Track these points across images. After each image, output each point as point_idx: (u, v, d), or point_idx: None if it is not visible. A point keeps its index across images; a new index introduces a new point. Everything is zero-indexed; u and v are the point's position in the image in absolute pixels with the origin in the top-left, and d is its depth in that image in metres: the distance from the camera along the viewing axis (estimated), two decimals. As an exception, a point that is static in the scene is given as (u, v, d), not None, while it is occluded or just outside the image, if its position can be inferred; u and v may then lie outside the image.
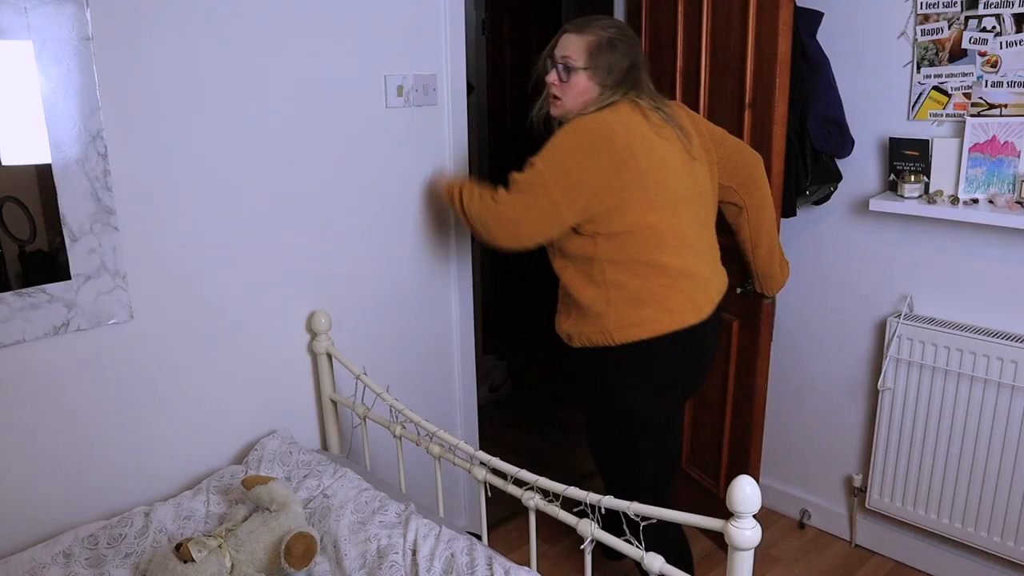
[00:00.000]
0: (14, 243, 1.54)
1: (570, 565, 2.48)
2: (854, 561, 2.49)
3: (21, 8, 1.47)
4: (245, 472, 1.85)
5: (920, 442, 2.27)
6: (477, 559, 1.49)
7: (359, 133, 2.07)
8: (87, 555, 1.56)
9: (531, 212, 1.77)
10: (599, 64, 1.80)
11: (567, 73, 1.82)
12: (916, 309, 2.29)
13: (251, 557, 1.51)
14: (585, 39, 1.80)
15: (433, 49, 2.20)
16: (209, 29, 1.74)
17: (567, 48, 1.82)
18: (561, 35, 1.85)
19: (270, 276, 1.96)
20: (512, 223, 1.80)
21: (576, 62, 1.80)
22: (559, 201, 1.73)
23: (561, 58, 1.83)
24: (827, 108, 2.23)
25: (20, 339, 1.57)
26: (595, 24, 1.83)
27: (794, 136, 2.23)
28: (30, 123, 1.52)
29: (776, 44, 2.06)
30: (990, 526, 2.17)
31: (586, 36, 1.80)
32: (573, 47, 1.81)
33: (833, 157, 2.30)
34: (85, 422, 1.69)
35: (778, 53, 2.07)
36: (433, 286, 2.34)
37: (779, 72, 2.08)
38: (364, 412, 1.98)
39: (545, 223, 1.77)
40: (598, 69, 1.80)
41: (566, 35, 1.84)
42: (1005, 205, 1.99)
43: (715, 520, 1.27)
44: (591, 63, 1.80)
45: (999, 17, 1.97)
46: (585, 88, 1.82)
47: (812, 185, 2.28)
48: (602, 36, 1.80)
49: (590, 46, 1.79)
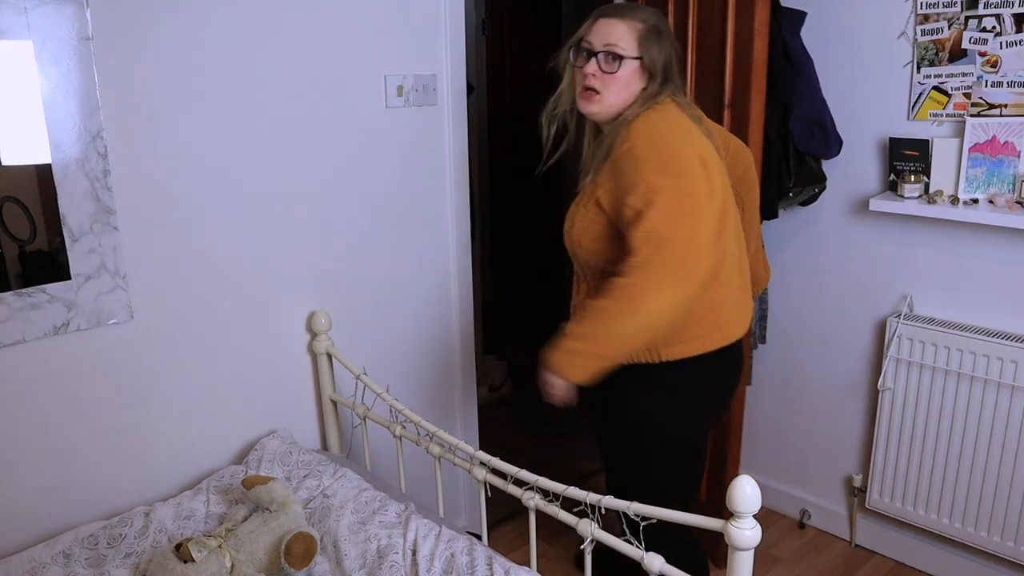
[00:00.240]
0: (14, 243, 1.54)
1: (570, 565, 2.48)
2: (854, 561, 2.49)
3: (21, 8, 1.47)
4: (245, 472, 1.85)
5: (920, 442, 2.27)
6: (477, 559, 1.49)
7: (359, 133, 2.07)
8: (87, 555, 1.56)
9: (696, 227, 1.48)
10: (651, 55, 1.59)
11: (614, 62, 1.59)
12: (916, 309, 2.29)
13: (251, 557, 1.51)
14: (633, 25, 1.59)
15: (433, 49, 2.20)
16: (209, 29, 1.74)
17: (611, 35, 1.59)
18: (596, 21, 1.63)
19: (270, 276, 1.96)
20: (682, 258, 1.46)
21: (626, 50, 1.58)
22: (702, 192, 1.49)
23: (604, 46, 1.59)
24: (810, 109, 2.21)
25: (20, 339, 1.57)
26: (637, 10, 1.63)
27: (776, 137, 2.22)
28: (30, 123, 1.52)
29: (752, 44, 2.06)
30: (990, 526, 2.17)
31: (633, 22, 1.60)
32: (619, 33, 1.59)
33: (818, 158, 2.29)
34: (85, 422, 1.69)
35: (754, 53, 2.07)
36: (433, 286, 2.34)
37: (755, 72, 2.08)
38: (364, 412, 1.98)
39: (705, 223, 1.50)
40: (651, 60, 1.60)
41: (605, 20, 1.61)
42: (1005, 205, 1.99)
43: (715, 520, 1.27)
44: (643, 52, 1.59)
45: (999, 17, 1.97)
46: (631, 80, 1.61)
47: (795, 187, 2.26)
48: (650, 23, 1.61)
49: (640, 33, 1.59)
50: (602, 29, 1.61)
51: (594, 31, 1.62)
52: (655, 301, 1.46)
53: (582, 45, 1.63)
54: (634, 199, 1.50)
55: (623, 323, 1.49)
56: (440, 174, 2.28)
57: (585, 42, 1.63)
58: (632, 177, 1.52)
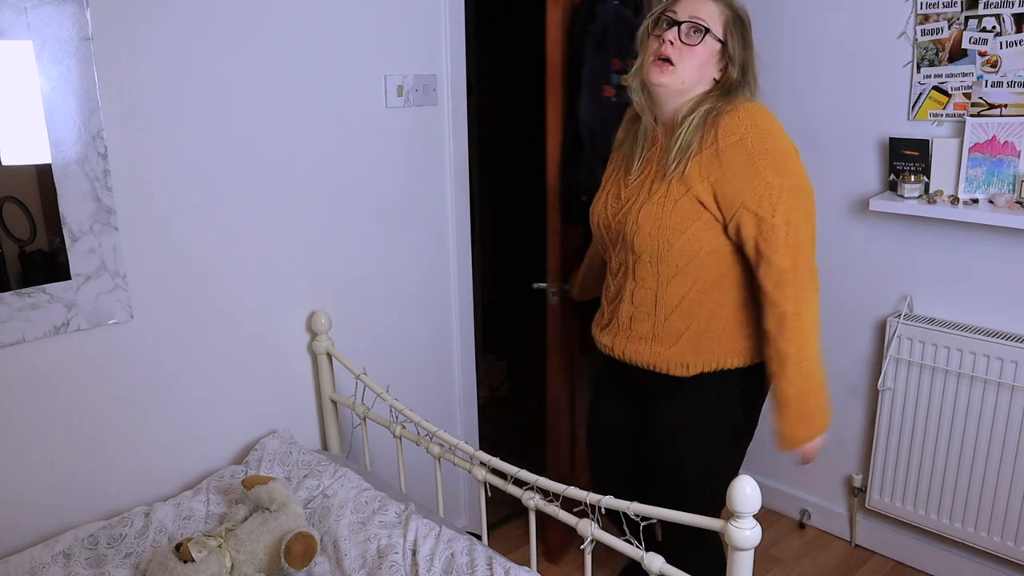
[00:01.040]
0: (14, 243, 1.54)
1: (570, 565, 2.48)
2: (854, 561, 2.49)
3: (21, 8, 1.47)
4: (245, 472, 1.85)
5: (920, 442, 2.27)
6: (477, 559, 1.49)
7: (359, 133, 2.07)
8: (87, 555, 1.56)
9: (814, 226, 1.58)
10: (735, 44, 1.56)
11: (697, 35, 1.53)
12: (916, 309, 2.29)
13: (251, 557, 1.51)
14: (723, 9, 1.55)
15: (433, 49, 2.20)
16: (209, 29, 1.74)
17: (700, 9, 1.54)
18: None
19: (270, 276, 1.96)
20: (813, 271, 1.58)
21: (712, 27, 1.54)
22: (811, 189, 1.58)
23: (690, 17, 1.53)
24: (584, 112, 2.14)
25: (20, 339, 1.57)
26: None
27: (571, 141, 2.16)
28: (30, 123, 1.52)
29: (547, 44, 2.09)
30: (990, 526, 2.17)
31: (723, 6, 1.56)
32: (708, 11, 1.54)
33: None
34: (85, 422, 1.69)
35: (548, 54, 2.10)
36: (433, 286, 2.34)
37: (550, 73, 2.11)
38: (364, 412, 1.98)
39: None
40: (733, 49, 1.56)
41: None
42: (1005, 205, 1.99)
43: (715, 520, 1.27)
44: (728, 37, 1.56)
45: (999, 17, 1.97)
46: (709, 60, 1.56)
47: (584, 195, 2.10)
48: (740, 12, 1.57)
49: (728, 19, 1.56)
50: (691, 3, 1.54)
51: (682, 3, 1.55)
52: (816, 308, 1.56)
53: (666, 14, 1.56)
54: (759, 203, 1.50)
55: (816, 345, 1.56)
56: (440, 174, 2.28)
57: (670, 11, 1.55)
58: (748, 174, 1.50)
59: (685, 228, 1.56)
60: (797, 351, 1.53)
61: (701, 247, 1.57)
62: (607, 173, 1.78)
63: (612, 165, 1.77)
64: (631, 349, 1.69)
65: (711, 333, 1.63)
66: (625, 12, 2.13)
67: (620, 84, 2.10)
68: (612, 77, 2.11)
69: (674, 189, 1.57)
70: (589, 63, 2.10)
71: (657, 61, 1.55)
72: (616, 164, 1.75)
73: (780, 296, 1.52)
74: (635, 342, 1.68)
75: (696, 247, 1.57)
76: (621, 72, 2.10)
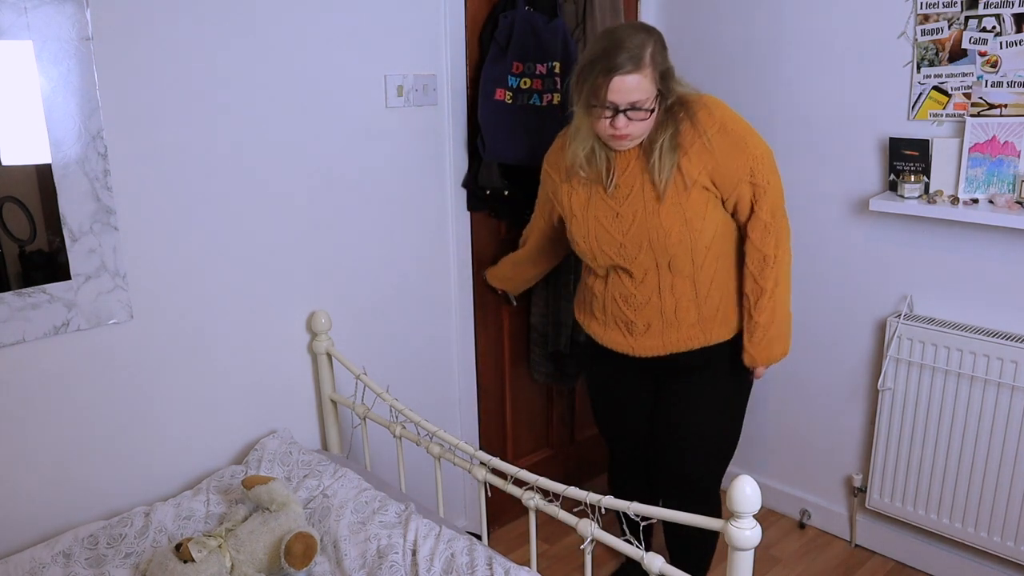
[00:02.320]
0: (14, 243, 1.54)
1: (570, 565, 2.48)
2: (854, 561, 2.49)
3: (21, 8, 1.47)
4: (245, 472, 1.85)
5: (920, 442, 2.27)
6: (477, 559, 1.49)
7: (359, 133, 2.06)
8: (87, 555, 1.56)
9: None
10: (668, 80, 1.68)
11: (642, 111, 1.65)
12: (916, 309, 2.29)
13: (251, 557, 1.51)
14: (646, 70, 1.62)
15: (433, 49, 2.20)
16: (209, 29, 1.74)
17: (632, 92, 1.61)
18: (610, 80, 1.60)
19: (270, 276, 1.96)
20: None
21: (650, 98, 1.64)
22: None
23: (629, 104, 1.62)
24: (479, 114, 2.21)
25: (20, 339, 1.57)
26: (639, 45, 1.60)
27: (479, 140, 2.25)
28: (30, 123, 1.52)
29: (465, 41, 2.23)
30: (990, 526, 2.17)
31: (644, 66, 1.61)
32: (641, 88, 1.62)
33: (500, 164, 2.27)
34: (85, 422, 1.69)
35: (466, 52, 2.23)
36: (433, 286, 2.34)
37: (468, 71, 2.24)
38: (364, 412, 1.98)
39: None
40: (666, 86, 1.68)
41: (620, 78, 1.60)
42: (1005, 205, 1.99)
43: (715, 520, 1.27)
44: (663, 86, 1.67)
45: (999, 17, 1.97)
46: (658, 110, 1.69)
47: (487, 189, 2.29)
48: (653, 50, 1.63)
49: (655, 76, 1.64)
50: (620, 88, 1.61)
51: (612, 91, 1.61)
52: (789, 253, 1.83)
53: (607, 104, 1.63)
54: (752, 174, 1.73)
55: (787, 283, 1.83)
56: (440, 174, 2.28)
57: (609, 101, 1.63)
58: (738, 152, 1.72)
59: (706, 213, 1.75)
60: (772, 287, 1.80)
61: (718, 226, 1.79)
62: (576, 202, 1.84)
63: (576, 193, 1.84)
64: (681, 338, 1.86)
65: (734, 298, 1.87)
66: (533, 17, 2.20)
67: (519, 88, 2.20)
68: (510, 80, 2.18)
69: (679, 186, 1.74)
70: (486, 68, 2.20)
71: (615, 138, 1.70)
72: (582, 191, 1.83)
73: (763, 242, 1.78)
74: (684, 329, 1.86)
75: (715, 226, 1.78)
76: (521, 76, 2.20)
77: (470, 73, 2.29)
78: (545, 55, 2.21)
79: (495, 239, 2.49)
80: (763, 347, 1.83)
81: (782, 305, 1.83)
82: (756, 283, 1.81)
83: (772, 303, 1.80)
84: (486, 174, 2.27)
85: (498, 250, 2.46)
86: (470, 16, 2.25)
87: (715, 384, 1.94)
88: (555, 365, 2.55)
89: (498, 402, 2.63)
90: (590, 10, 2.32)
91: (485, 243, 2.45)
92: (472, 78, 2.29)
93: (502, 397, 2.63)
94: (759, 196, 1.76)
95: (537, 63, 2.20)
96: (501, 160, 2.24)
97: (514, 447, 2.72)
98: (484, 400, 2.56)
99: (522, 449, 2.76)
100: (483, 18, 2.27)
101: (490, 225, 2.46)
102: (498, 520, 2.64)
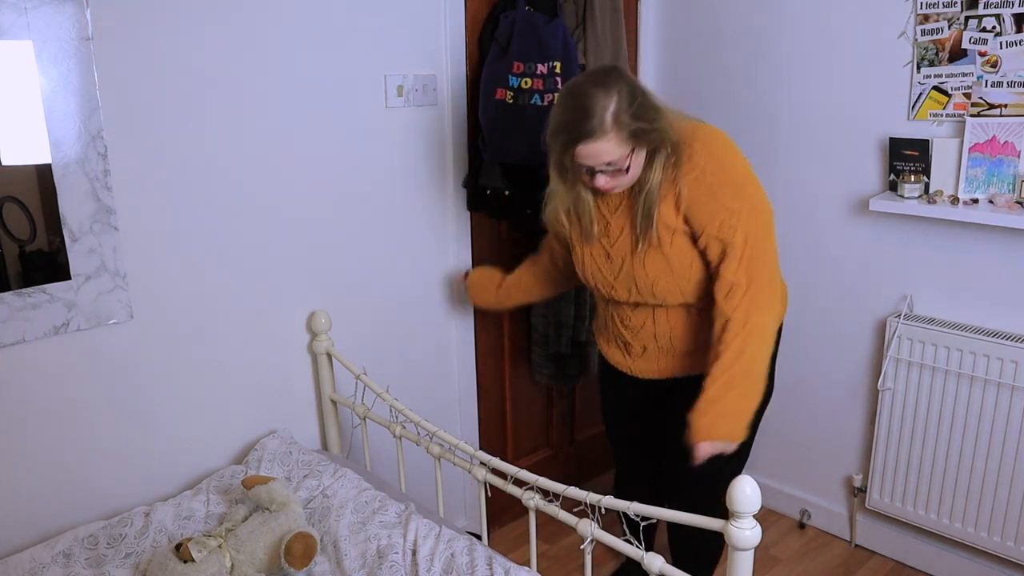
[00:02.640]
0: (14, 243, 1.54)
1: (570, 565, 2.48)
2: (854, 561, 2.49)
3: (21, 8, 1.47)
4: (245, 472, 1.85)
5: (920, 442, 2.27)
6: (477, 559, 1.49)
7: (359, 133, 2.07)
8: (87, 555, 1.56)
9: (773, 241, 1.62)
10: (642, 127, 1.52)
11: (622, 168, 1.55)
12: (916, 309, 2.29)
13: (251, 557, 1.51)
14: (615, 131, 1.49)
15: (433, 49, 2.20)
16: (209, 29, 1.74)
17: (602, 155, 1.51)
18: (575, 149, 1.51)
19: (270, 276, 1.96)
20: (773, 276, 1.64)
21: (625, 156, 1.53)
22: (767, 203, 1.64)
23: (604, 164, 1.54)
24: (480, 114, 2.21)
25: (20, 339, 1.57)
26: (603, 108, 1.48)
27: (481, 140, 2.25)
28: (30, 123, 1.52)
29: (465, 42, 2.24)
30: (990, 526, 2.17)
31: (612, 129, 1.49)
32: (614, 151, 1.51)
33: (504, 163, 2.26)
34: (85, 422, 1.69)
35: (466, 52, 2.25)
36: (433, 286, 2.34)
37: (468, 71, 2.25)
38: (364, 412, 1.98)
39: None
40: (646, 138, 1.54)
41: (584, 146, 1.50)
42: (1005, 205, 1.99)
43: (715, 520, 1.27)
44: (636, 140, 1.53)
45: (999, 17, 1.97)
46: (641, 160, 1.58)
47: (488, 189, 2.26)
48: (619, 109, 1.49)
49: (626, 134, 1.50)
50: (588, 154, 1.52)
51: (580, 156, 1.53)
52: (770, 325, 1.61)
53: (579, 169, 1.57)
54: (720, 229, 1.57)
55: (763, 360, 1.59)
56: (440, 174, 2.28)
57: (579, 166, 1.56)
58: (710, 203, 1.57)
59: (692, 260, 1.65)
60: (733, 357, 1.55)
61: (703, 270, 1.67)
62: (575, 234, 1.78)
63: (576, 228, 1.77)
64: (677, 365, 1.80)
65: None
66: (534, 17, 2.19)
67: (520, 87, 2.20)
68: (511, 80, 2.18)
69: (664, 234, 1.64)
70: (487, 68, 2.20)
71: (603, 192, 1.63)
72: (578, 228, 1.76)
73: (728, 306, 1.57)
74: (680, 357, 1.80)
75: (701, 264, 1.66)
76: (522, 75, 2.19)
77: (470, 73, 2.29)
78: (546, 55, 2.20)
79: (495, 239, 2.49)
80: (704, 420, 1.55)
81: (741, 381, 1.56)
82: (715, 349, 1.58)
83: (728, 376, 1.54)
84: (488, 174, 2.27)
85: (498, 250, 2.46)
86: (470, 16, 2.25)
87: None
88: (556, 366, 2.55)
89: (498, 402, 2.62)
90: (590, 10, 2.32)
91: (485, 243, 2.46)
92: (472, 78, 2.29)
93: (502, 397, 2.63)
94: (727, 253, 1.58)
95: (538, 63, 2.20)
96: (502, 160, 2.24)
97: (514, 447, 2.72)
98: (484, 400, 2.56)
99: (522, 449, 2.76)
100: (483, 18, 2.27)
101: (490, 225, 2.46)
102: (498, 520, 2.64)
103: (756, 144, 2.51)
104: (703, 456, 1.55)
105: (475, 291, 2.21)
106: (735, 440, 1.57)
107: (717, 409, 1.54)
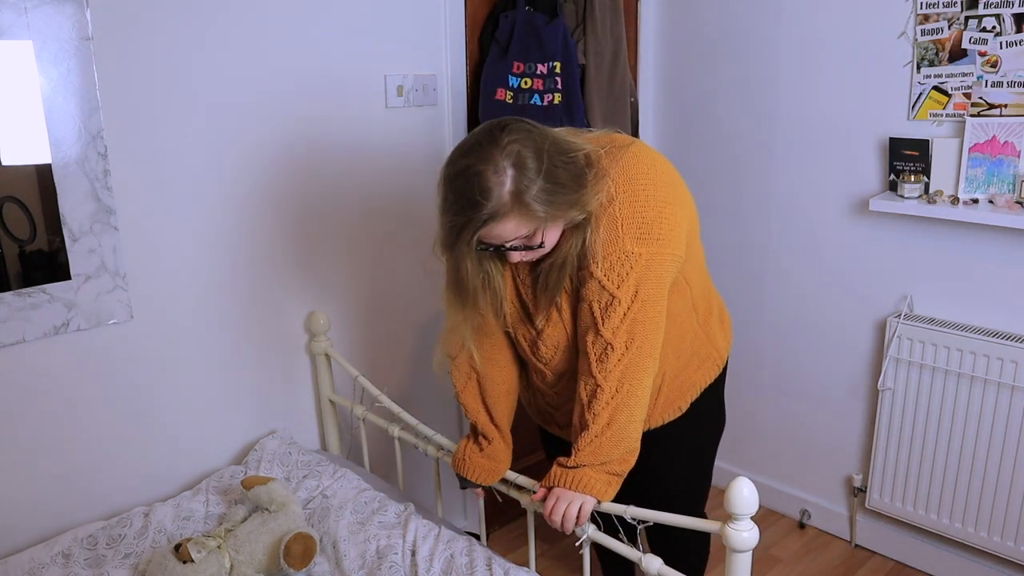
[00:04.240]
0: (14, 243, 1.54)
1: (569, 565, 2.48)
2: (854, 561, 2.49)
3: (21, 8, 1.47)
4: (244, 472, 1.85)
5: (920, 442, 2.26)
6: (476, 560, 1.49)
7: (359, 133, 2.07)
8: (86, 555, 1.56)
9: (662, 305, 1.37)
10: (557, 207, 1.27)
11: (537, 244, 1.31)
12: (916, 309, 2.29)
13: (250, 557, 1.51)
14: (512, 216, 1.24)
15: (433, 49, 2.20)
16: (209, 29, 1.74)
17: (508, 234, 1.27)
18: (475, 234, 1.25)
19: (269, 276, 1.96)
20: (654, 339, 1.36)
21: (539, 233, 1.30)
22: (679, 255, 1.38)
23: (515, 239, 1.29)
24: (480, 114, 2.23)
25: (20, 339, 1.57)
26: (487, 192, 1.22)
27: None
28: (30, 123, 1.52)
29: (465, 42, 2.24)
30: (990, 526, 2.17)
31: (507, 215, 1.24)
32: (515, 229, 1.27)
33: None
34: (85, 422, 1.70)
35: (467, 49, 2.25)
36: (432, 286, 2.34)
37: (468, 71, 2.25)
38: (363, 413, 1.98)
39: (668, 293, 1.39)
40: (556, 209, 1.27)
41: (487, 229, 1.25)
42: (1005, 205, 1.99)
43: (713, 522, 1.27)
44: (555, 212, 1.27)
45: (999, 17, 1.97)
46: (560, 227, 1.33)
47: None
48: (518, 186, 1.23)
49: (524, 212, 1.24)
50: (490, 235, 1.27)
51: (489, 237, 1.27)
52: (645, 390, 1.38)
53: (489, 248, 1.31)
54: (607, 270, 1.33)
55: (636, 427, 1.38)
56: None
57: (484, 244, 1.30)
58: (610, 237, 1.33)
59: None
60: (601, 428, 1.35)
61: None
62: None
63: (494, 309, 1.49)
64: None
65: (689, 367, 1.57)
66: (534, 17, 2.20)
67: (519, 87, 2.21)
68: (511, 80, 2.18)
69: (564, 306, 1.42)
70: (487, 68, 2.20)
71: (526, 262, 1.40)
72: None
73: (600, 372, 1.34)
74: None
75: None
76: (522, 75, 2.21)
77: (470, 73, 2.29)
78: (546, 55, 2.21)
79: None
80: (568, 477, 1.38)
81: (610, 450, 1.36)
82: (580, 417, 1.38)
83: (594, 447, 1.35)
84: None
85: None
86: (470, 16, 2.25)
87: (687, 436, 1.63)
88: None
89: (498, 402, 2.61)
90: (590, 10, 2.32)
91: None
92: (472, 78, 2.29)
93: (502, 397, 2.62)
94: (605, 305, 1.33)
95: (538, 63, 2.21)
96: None
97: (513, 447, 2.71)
98: (484, 400, 2.55)
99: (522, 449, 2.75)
100: (483, 18, 2.27)
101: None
102: (497, 520, 2.64)
103: (756, 144, 2.51)
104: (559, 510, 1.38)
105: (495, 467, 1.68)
106: (601, 499, 1.39)
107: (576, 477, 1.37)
